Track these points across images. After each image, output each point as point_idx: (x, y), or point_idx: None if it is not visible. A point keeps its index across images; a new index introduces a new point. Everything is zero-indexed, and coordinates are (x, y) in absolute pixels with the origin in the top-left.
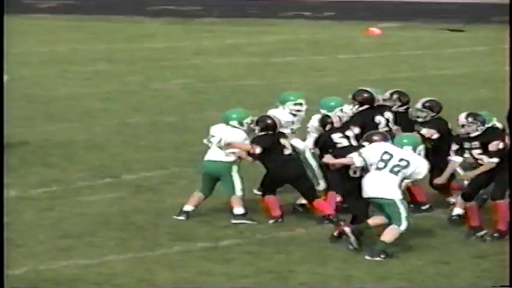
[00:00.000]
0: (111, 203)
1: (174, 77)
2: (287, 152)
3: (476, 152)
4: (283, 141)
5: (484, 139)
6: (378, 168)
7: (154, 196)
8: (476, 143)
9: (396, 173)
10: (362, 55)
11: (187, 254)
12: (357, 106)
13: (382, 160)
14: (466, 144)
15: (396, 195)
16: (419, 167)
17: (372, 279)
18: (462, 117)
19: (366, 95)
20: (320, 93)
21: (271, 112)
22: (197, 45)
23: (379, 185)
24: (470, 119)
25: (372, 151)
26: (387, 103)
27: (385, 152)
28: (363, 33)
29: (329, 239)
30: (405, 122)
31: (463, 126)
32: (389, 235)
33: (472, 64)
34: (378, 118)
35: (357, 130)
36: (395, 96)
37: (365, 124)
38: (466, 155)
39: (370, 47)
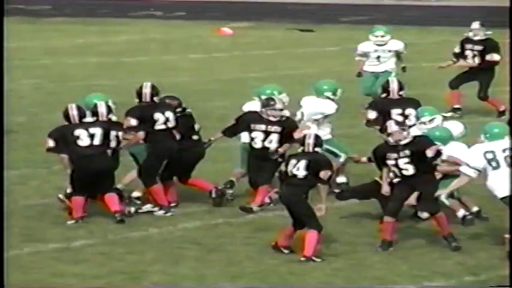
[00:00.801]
0: None
1: (24, 77)
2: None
3: (403, 162)
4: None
5: (414, 148)
6: (495, 168)
7: (5, 197)
8: (406, 152)
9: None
10: (214, 55)
11: (38, 255)
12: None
13: (490, 159)
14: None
15: None
16: None
17: (225, 279)
18: (392, 125)
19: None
20: (173, 93)
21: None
22: (47, 45)
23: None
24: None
25: (475, 157)
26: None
27: (486, 152)
28: (214, 33)
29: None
30: (183, 123)
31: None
32: None
33: (322, 64)
34: (157, 115)
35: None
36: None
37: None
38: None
39: (222, 46)
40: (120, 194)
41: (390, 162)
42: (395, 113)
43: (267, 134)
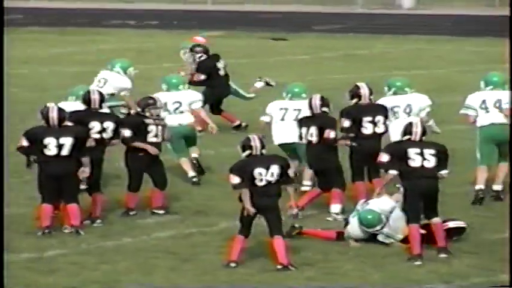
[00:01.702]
0: None
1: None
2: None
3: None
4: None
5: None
6: None
7: None
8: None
9: None
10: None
11: (11, 265)
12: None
13: None
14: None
15: None
16: None
17: None
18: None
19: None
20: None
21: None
22: (23, 54)
23: None
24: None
25: None
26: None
27: None
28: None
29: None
30: None
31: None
32: None
33: (296, 72)
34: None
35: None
36: None
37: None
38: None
39: None
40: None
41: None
42: (366, 120)
43: None
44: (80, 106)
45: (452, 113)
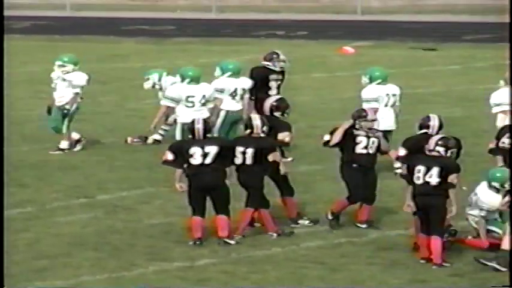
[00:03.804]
0: (86, 223)
1: (148, 96)
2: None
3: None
4: None
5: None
6: None
7: (129, 216)
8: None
9: None
10: (336, 73)
11: (163, 273)
12: None
13: None
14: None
15: None
16: None
17: None
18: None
19: None
20: (295, 112)
21: None
22: (171, 65)
23: None
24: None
25: None
26: None
27: None
28: (336, 52)
29: None
30: None
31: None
32: None
33: (445, 83)
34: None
35: None
36: None
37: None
38: None
39: (345, 65)
40: None
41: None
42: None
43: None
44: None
45: None
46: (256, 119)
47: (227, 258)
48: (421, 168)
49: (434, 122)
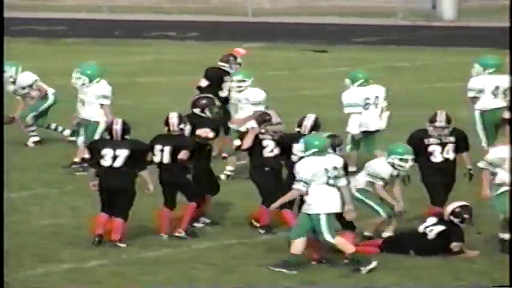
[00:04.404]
0: None
1: None
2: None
3: None
4: None
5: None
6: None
7: (18, 217)
8: None
9: None
10: None
11: (52, 275)
12: None
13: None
14: None
15: None
16: None
17: None
18: None
19: None
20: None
21: None
22: (62, 66)
23: None
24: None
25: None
26: None
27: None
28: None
29: None
30: None
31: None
32: None
33: (336, 84)
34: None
35: None
36: None
37: None
38: None
39: None
40: None
41: None
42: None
43: None
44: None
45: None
46: (172, 117)
47: (117, 259)
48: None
49: (307, 122)
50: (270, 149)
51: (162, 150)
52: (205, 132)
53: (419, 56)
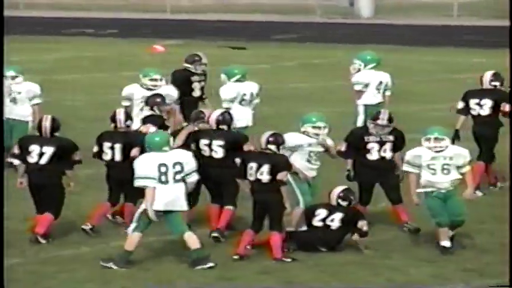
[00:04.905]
0: None
1: None
2: None
3: None
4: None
5: None
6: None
7: None
8: None
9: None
10: None
11: None
12: None
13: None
14: None
15: None
16: None
17: None
18: None
19: None
20: (106, 111)
21: None
22: None
23: None
24: None
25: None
26: None
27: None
28: (146, 51)
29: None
30: None
31: None
32: None
33: (255, 81)
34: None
35: None
36: None
37: None
38: None
39: (154, 64)
40: None
41: None
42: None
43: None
44: None
45: (410, 122)
46: (119, 113)
47: (35, 258)
48: (253, 165)
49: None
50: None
51: (112, 148)
52: (146, 127)
53: (336, 53)
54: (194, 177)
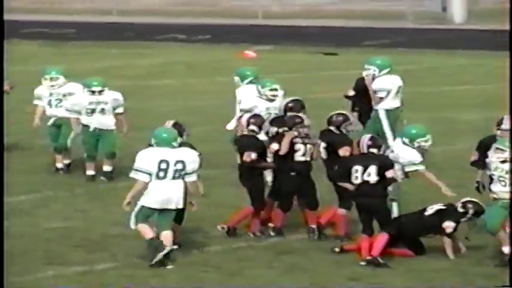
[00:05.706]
0: None
1: None
2: None
3: None
4: None
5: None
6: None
7: (26, 220)
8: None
9: None
10: None
11: (61, 278)
12: None
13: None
14: None
15: None
16: None
17: None
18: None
19: None
20: (200, 116)
21: None
22: (70, 68)
23: None
24: None
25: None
26: None
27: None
28: (237, 56)
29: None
30: None
31: None
32: None
33: (346, 87)
34: None
35: None
36: None
37: None
38: None
39: None
40: None
41: None
42: None
43: None
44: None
45: None
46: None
47: (127, 262)
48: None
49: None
50: (302, 153)
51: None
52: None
53: (427, 58)
54: (193, 178)
